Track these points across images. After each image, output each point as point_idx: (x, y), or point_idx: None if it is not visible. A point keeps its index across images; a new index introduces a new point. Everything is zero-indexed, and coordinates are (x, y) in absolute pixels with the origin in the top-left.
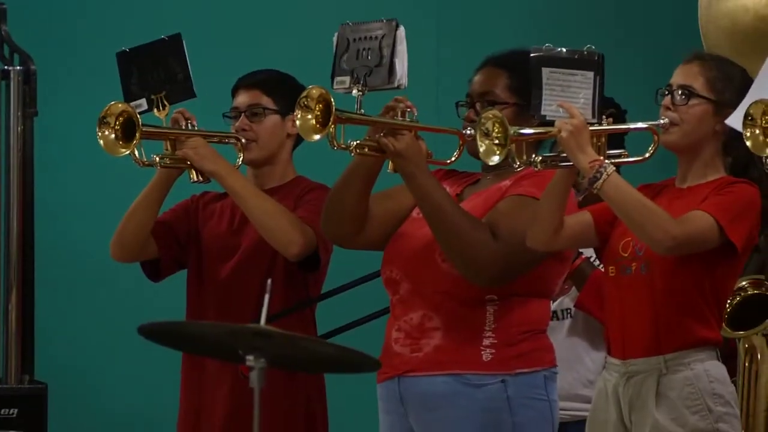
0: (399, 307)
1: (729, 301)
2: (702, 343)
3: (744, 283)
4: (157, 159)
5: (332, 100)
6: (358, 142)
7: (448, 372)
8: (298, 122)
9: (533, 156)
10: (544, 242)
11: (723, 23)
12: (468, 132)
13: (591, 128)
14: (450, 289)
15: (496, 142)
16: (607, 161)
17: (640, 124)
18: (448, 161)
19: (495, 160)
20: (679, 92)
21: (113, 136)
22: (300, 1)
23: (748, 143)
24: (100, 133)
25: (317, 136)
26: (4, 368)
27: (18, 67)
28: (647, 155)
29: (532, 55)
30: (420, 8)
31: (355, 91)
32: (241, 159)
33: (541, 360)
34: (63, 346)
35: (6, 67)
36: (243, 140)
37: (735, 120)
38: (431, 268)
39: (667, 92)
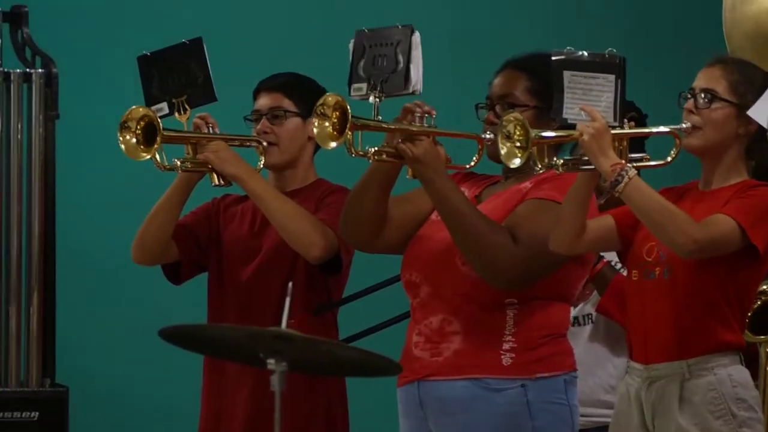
0: (419, 310)
1: None
2: (725, 347)
3: (765, 286)
4: (179, 163)
5: (348, 107)
6: (376, 148)
7: (468, 376)
8: (315, 130)
9: (554, 159)
10: (566, 246)
11: (747, 27)
12: (487, 136)
13: (613, 132)
14: (469, 291)
15: (518, 144)
16: (629, 165)
17: (662, 128)
18: (467, 166)
19: (516, 162)
20: (702, 96)
21: (134, 140)
22: (318, 6)
23: None
24: (121, 138)
25: (334, 144)
26: (25, 371)
27: (40, 70)
28: (669, 159)
29: (553, 58)
30: (436, 12)
31: (372, 98)
32: (262, 162)
33: (561, 364)
34: (84, 349)
35: (28, 70)
36: (264, 143)
37: (757, 112)
38: (451, 270)
39: (689, 96)
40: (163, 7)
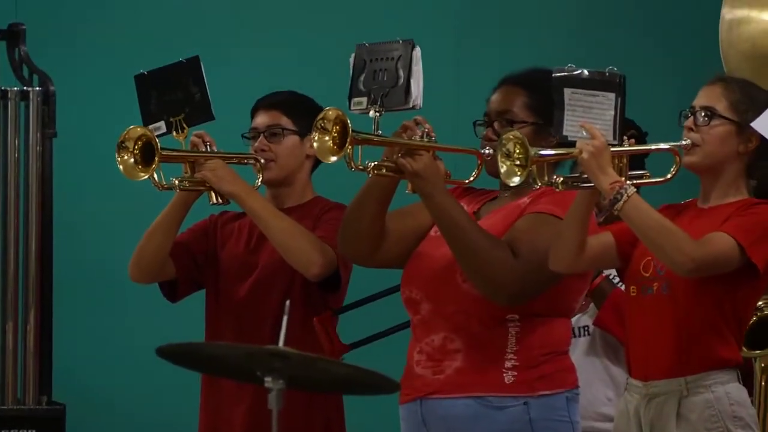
0: (420, 328)
1: None
2: (723, 364)
3: (760, 303)
4: (176, 182)
5: (349, 121)
6: (375, 163)
7: (470, 394)
8: (315, 144)
9: (554, 177)
10: (567, 264)
11: (743, 47)
12: (486, 151)
13: (612, 149)
14: (470, 308)
15: (517, 163)
16: (628, 182)
17: (662, 145)
18: (467, 181)
19: (516, 181)
20: (702, 113)
21: (132, 160)
22: (317, 22)
23: None
24: (119, 158)
25: (334, 158)
26: (22, 389)
27: (37, 88)
28: (669, 176)
29: (554, 75)
30: (439, 28)
31: (372, 112)
32: (260, 179)
33: (563, 381)
34: (81, 367)
35: (25, 88)
36: (262, 161)
37: (762, 125)
38: (452, 287)
39: (690, 113)
40: (160, 25)
